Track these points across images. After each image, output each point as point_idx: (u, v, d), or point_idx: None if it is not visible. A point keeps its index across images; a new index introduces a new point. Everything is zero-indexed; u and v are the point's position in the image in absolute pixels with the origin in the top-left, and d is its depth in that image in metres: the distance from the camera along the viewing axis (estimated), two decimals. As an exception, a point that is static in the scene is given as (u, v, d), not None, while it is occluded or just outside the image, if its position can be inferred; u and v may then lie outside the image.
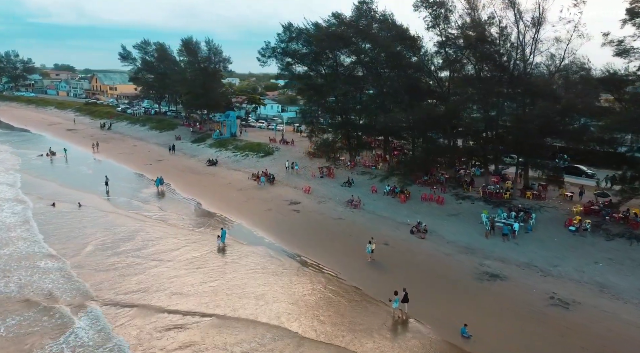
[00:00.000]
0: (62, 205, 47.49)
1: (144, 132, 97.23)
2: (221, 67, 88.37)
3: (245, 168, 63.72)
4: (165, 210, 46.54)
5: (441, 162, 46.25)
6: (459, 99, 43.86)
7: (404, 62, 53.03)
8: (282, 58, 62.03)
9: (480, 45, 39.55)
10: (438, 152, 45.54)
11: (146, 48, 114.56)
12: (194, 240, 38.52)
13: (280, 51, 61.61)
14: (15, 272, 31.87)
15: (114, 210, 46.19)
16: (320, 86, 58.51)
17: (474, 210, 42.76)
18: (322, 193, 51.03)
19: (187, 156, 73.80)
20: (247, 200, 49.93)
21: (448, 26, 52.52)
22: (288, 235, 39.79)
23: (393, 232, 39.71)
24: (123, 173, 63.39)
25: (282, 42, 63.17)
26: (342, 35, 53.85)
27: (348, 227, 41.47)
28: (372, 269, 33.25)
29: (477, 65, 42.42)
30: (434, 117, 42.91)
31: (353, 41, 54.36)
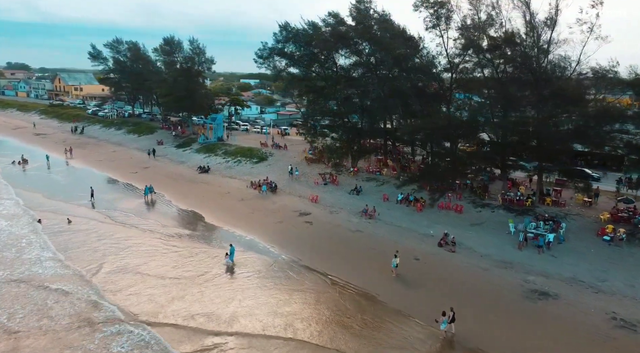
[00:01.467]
0: (49, 221, 43.17)
1: (121, 137, 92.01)
2: (204, 68, 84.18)
3: (240, 175, 60.41)
4: (166, 224, 42.91)
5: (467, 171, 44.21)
6: (481, 103, 41.99)
7: (412, 64, 51.21)
8: (280, 59, 58.92)
9: (509, 47, 37.88)
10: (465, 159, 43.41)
11: (118, 47, 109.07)
12: (204, 257, 35.26)
13: (278, 52, 58.54)
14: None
15: (112, 228, 42.22)
16: (321, 89, 55.72)
17: (497, 219, 41.19)
18: (331, 203, 48.45)
19: (174, 162, 69.70)
20: (253, 211, 46.81)
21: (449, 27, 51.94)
22: (306, 250, 37.00)
23: (419, 245, 37.56)
24: (107, 182, 58.97)
25: (279, 42, 60.27)
26: (347, 35, 51.30)
27: (369, 240, 39.06)
28: (404, 286, 31.04)
29: (500, 68, 40.69)
30: (456, 124, 41.01)
31: (358, 42, 51.88)
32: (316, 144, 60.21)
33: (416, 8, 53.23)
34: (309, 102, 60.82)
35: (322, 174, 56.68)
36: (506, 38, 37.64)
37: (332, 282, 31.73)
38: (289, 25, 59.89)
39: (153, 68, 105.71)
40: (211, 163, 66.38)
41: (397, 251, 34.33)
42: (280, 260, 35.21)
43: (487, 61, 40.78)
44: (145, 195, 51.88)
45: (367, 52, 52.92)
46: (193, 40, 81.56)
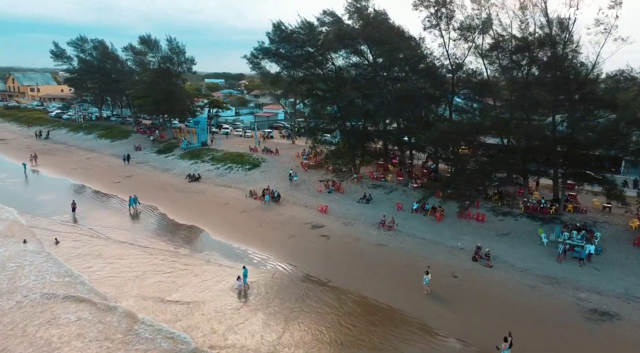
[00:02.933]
0: (35, 240, 38.43)
1: (92, 142, 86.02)
2: (184, 68, 79.40)
3: (235, 183, 56.63)
4: (166, 242, 38.90)
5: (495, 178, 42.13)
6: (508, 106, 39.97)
7: (421, 66, 49.08)
8: (279, 61, 55.47)
9: (543, 49, 36.06)
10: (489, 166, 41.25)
11: (83, 45, 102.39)
12: (216, 280, 31.67)
13: (274, 53, 55.09)
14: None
15: (107, 247, 37.83)
16: (324, 92, 52.57)
17: (523, 228, 39.42)
18: (342, 213, 45.57)
19: (159, 170, 64.98)
20: (260, 224, 43.32)
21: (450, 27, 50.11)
22: (331, 268, 33.92)
23: (452, 260, 35.18)
24: (87, 193, 53.93)
25: (273, 42, 56.84)
26: (354, 36, 48.46)
27: (395, 255, 36.37)
28: (443, 306, 28.56)
29: (525, 70, 38.85)
30: (480, 129, 38.94)
31: (366, 43, 49.18)
32: (318, 149, 57.08)
33: (415, 7, 51.53)
34: (311, 105, 57.47)
35: (324, 181, 53.79)
36: (540, 39, 35.75)
37: (369, 304, 28.86)
38: (282, 24, 56.77)
39: (123, 67, 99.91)
40: (199, 170, 62.18)
41: (429, 266, 31.96)
42: (307, 282, 31.98)
43: (514, 63, 38.84)
44: (130, 207, 47.65)
45: (375, 53, 50.15)
46: (171, 40, 76.77)
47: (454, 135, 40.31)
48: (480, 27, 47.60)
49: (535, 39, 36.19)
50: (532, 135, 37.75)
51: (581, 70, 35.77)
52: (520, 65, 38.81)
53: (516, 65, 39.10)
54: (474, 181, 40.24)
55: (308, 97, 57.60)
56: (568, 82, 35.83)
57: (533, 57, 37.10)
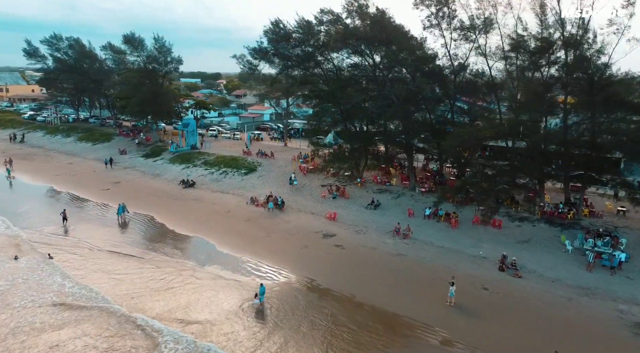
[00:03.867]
0: (28, 256, 35.31)
1: (72, 145, 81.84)
2: (172, 68, 76.15)
3: (233, 189, 54.05)
4: (176, 255, 36.26)
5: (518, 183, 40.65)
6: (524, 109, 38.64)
7: (430, 67, 47.64)
8: (279, 60, 53.18)
9: (567, 49, 34.83)
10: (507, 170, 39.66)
11: (58, 44, 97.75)
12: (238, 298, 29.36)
13: (273, 53, 52.79)
14: None
15: (109, 261, 34.94)
16: (328, 93, 50.44)
17: (543, 235, 38.26)
18: (352, 220, 43.65)
19: (148, 175, 61.77)
20: (268, 234, 41.00)
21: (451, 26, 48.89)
22: (352, 281, 31.88)
23: (477, 270, 33.64)
24: (76, 202, 50.52)
25: (270, 42, 54.57)
26: (360, 35, 46.55)
27: (417, 266, 34.61)
28: (475, 320, 26.86)
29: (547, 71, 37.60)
30: (500, 134, 37.58)
31: (372, 43, 47.36)
32: (320, 152, 55.05)
33: (416, 6, 50.07)
34: (313, 107, 55.23)
35: (326, 185, 51.80)
36: (566, 40, 34.52)
37: (403, 324, 27.02)
38: (280, 22, 54.61)
39: (102, 67, 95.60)
40: (192, 175, 59.34)
41: (454, 277, 30.36)
42: (331, 298, 29.93)
43: (533, 64, 37.56)
44: (119, 215, 44.78)
45: (381, 53, 48.38)
46: (158, 38, 73.39)
47: (475, 140, 38.82)
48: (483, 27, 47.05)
49: (561, 39, 34.96)
50: (553, 139, 36.49)
51: (604, 72, 34.67)
52: (538, 66, 37.52)
53: (534, 67, 37.82)
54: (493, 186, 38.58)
55: (310, 99, 55.29)
56: (591, 83, 34.70)
57: (556, 58, 35.88)
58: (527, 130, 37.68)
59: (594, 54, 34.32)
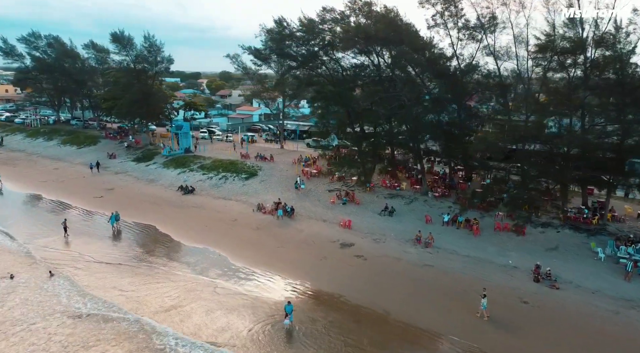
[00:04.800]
0: (24, 275, 32.29)
1: (56, 149, 77.88)
2: (162, 68, 72.97)
3: (235, 195, 51.54)
4: (187, 269, 33.71)
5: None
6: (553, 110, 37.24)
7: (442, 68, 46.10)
8: (285, 61, 50.92)
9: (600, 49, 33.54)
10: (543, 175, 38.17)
11: (36, 42, 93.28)
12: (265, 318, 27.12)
13: (280, 52, 50.51)
14: None
15: (127, 279, 32.21)
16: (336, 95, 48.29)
17: (570, 241, 37.01)
18: (368, 228, 41.73)
19: (143, 181, 58.69)
20: (282, 244, 38.74)
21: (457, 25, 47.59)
22: (381, 296, 29.83)
23: (511, 282, 32.03)
24: (68, 211, 47.36)
25: (274, 41, 52.31)
26: (372, 34, 44.61)
27: (446, 277, 32.82)
28: (520, 337, 25.21)
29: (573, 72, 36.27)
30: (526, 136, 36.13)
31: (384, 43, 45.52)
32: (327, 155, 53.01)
33: (421, 4, 48.53)
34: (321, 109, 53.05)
35: (334, 190, 49.87)
36: (598, 39, 33.21)
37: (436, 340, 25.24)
38: (284, 20, 52.38)
39: (84, 66, 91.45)
40: (190, 181, 56.60)
41: (485, 289, 28.71)
42: (363, 316, 27.93)
43: (560, 64, 36.18)
44: (112, 225, 42.02)
45: (393, 53, 46.59)
46: (148, 37, 70.16)
47: (501, 143, 37.31)
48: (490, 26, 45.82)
49: (594, 38, 33.67)
50: (582, 142, 35.21)
51: (636, 72, 33.54)
52: (565, 67, 36.18)
53: (561, 67, 36.47)
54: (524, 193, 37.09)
55: (317, 101, 53.09)
56: (622, 84, 33.51)
57: (586, 58, 34.57)
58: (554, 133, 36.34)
59: (626, 54, 33.10)
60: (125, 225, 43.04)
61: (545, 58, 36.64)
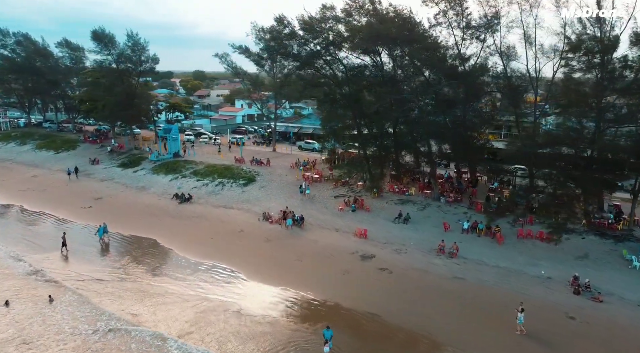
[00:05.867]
0: (20, 301, 28.80)
1: (31, 155, 72.98)
2: (147, 68, 69.04)
3: (236, 204, 48.63)
4: (202, 289, 30.81)
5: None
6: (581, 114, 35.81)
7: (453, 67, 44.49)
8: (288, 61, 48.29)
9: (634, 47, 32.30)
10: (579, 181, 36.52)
11: (4, 40, 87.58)
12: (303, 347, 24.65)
13: (284, 52, 47.85)
14: None
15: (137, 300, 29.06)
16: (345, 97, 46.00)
17: (599, 248, 35.81)
18: (384, 237, 39.62)
19: (132, 189, 55.00)
20: (298, 258, 36.18)
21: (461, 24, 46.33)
22: (421, 315, 27.73)
23: (550, 295, 30.36)
24: (56, 225, 43.63)
25: (274, 40, 49.66)
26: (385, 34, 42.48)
27: (481, 291, 30.93)
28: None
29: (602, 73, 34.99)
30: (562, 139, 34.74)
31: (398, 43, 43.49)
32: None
33: (424, 2, 46.94)
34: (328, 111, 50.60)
35: (340, 196, 47.72)
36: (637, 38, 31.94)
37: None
38: (284, 19, 49.77)
39: (57, 66, 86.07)
40: (184, 188, 53.31)
41: (522, 303, 27.05)
42: (408, 340, 25.78)
43: (587, 65, 34.87)
44: (100, 237, 38.81)
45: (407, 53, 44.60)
46: (132, 35, 66.21)
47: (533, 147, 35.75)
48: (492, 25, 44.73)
49: (633, 37, 32.41)
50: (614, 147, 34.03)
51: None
52: (593, 67, 34.89)
53: (589, 67, 35.16)
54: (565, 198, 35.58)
55: (325, 103, 50.64)
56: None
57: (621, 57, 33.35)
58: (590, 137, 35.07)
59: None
60: (122, 239, 39.82)
61: (574, 58, 35.16)
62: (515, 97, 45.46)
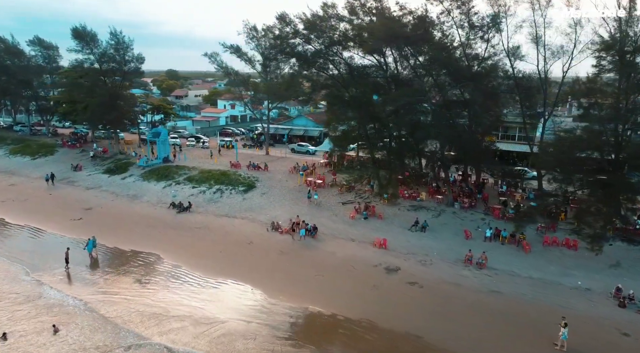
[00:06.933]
0: (20, 334, 25.43)
1: (4, 161, 68.41)
2: (132, 68, 65.12)
3: (240, 212, 45.76)
4: (233, 314, 28.04)
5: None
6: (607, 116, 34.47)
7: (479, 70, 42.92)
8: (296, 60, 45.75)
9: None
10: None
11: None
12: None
13: (288, 51, 45.30)
14: None
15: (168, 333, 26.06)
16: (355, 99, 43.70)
17: (630, 255, 34.83)
18: (404, 247, 37.60)
19: (123, 198, 51.33)
20: (319, 272, 33.70)
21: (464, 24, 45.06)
22: (459, 335, 25.85)
23: (593, 308, 28.85)
24: (47, 239, 40.00)
25: (277, 38, 47.12)
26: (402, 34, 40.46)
27: (521, 306, 29.13)
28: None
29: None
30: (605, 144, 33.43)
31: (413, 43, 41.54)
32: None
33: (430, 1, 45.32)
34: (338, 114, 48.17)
35: (347, 202, 45.58)
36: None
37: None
38: (286, 16, 47.36)
39: (29, 65, 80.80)
40: (180, 196, 50.08)
41: (564, 317, 25.54)
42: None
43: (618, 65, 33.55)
44: (89, 252, 35.64)
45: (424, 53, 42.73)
46: (115, 33, 62.26)
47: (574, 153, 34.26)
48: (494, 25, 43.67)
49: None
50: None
51: None
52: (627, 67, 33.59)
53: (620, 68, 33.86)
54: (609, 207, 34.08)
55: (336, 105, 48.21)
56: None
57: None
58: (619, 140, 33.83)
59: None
60: (121, 254, 36.55)
61: (605, 57, 33.84)
62: (529, 98, 44.35)
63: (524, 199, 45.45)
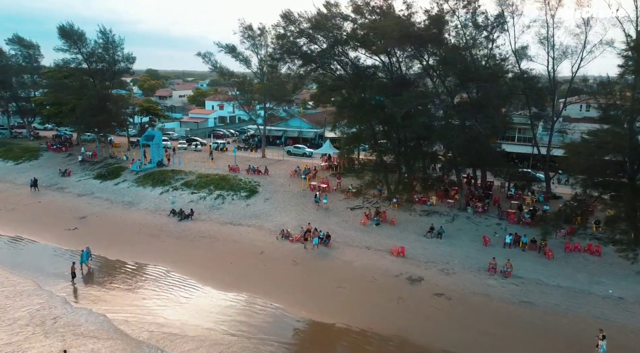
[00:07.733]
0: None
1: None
2: (122, 68, 62.33)
3: (245, 220, 43.78)
4: (262, 331, 26.17)
5: None
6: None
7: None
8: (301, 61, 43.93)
9: None
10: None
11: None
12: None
13: (294, 52, 43.45)
14: None
15: None
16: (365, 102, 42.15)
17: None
18: (423, 255, 36.19)
19: (119, 205, 48.74)
20: (339, 283, 31.95)
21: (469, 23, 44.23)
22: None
23: (630, 318, 27.76)
24: (38, 250, 37.45)
25: (282, 38, 45.31)
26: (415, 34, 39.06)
27: (550, 317, 27.90)
28: None
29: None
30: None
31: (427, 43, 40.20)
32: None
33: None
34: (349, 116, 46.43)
35: (356, 208, 44.09)
36: None
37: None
38: (291, 14, 45.60)
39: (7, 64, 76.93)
40: (178, 202, 47.83)
41: (601, 330, 24.59)
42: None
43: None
44: (83, 264, 33.54)
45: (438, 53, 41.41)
46: (105, 31, 59.44)
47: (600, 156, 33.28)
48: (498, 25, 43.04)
49: None
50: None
51: None
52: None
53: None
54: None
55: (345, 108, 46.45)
56: None
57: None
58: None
59: None
60: (125, 268, 34.18)
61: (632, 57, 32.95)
62: (541, 99, 43.58)
63: (534, 202, 44.69)
